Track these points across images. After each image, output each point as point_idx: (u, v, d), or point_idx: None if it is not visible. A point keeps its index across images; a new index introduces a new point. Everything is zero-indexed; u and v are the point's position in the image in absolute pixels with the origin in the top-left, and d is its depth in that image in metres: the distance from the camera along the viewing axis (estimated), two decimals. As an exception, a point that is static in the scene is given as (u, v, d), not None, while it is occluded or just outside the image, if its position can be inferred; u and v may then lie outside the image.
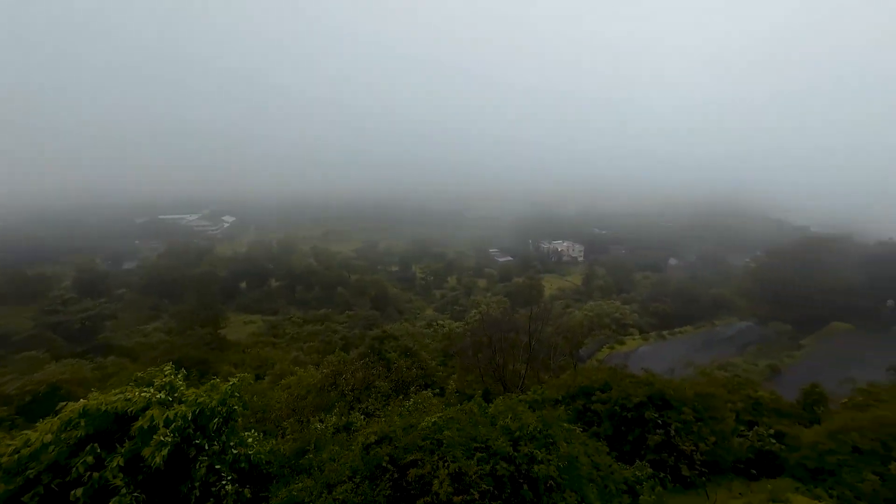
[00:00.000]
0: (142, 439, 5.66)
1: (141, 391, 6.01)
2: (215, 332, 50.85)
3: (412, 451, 6.86)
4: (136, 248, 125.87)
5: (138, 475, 5.57)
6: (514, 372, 22.96)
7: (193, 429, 6.07)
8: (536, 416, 8.98)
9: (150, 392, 6.05)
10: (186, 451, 5.90)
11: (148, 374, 6.88)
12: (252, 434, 7.25)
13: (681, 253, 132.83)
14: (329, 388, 16.03)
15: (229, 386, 6.69)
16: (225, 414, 6.37)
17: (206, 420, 6.13)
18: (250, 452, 6.67)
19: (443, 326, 48.14)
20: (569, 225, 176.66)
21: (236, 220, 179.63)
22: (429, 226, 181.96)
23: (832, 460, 12.32)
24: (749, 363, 38.48)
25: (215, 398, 6.31)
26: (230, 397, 6.52)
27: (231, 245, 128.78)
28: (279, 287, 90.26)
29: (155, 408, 5.77)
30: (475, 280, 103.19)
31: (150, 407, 5.78)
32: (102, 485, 5.26)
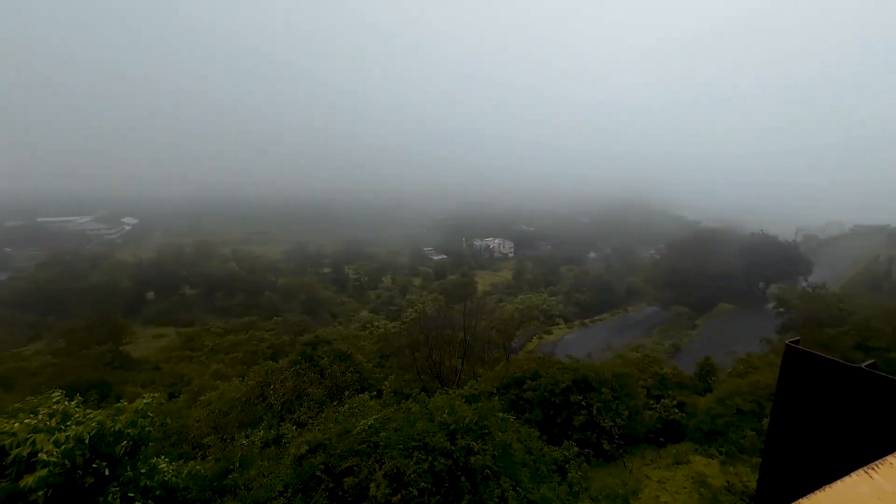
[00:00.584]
0: (17, 471, 4.84)
1: (25, 420, 5.13)
2: (117, 350, 44.90)
3: (348, 458, 6.69)
4: (7, 256, 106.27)
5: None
6: (450, 368, 23.33)
7: (90, 454, 5.31)
8: (472, 409, 9.24)
9: (37, 420, 5.18)
10: (81, 481, 5.15)
11: (28, 403, 5.89)
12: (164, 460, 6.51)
13: (598, 247, 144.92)
14: (256, 400, 14.98)
15: (140, 405, 5.96)
16: (136, 437, 5.67)
17: (106, 445, 5.40)
18: (165, 478, 6.00)
19: (378, 327, 47.41)
20: (499, 223, 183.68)
21: (139, 222, 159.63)
22: (360, 226, 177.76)
23: (721, 422, 14.32)
24: (656, 343, 43.15)
25: (121, 420, 5.58)
26: (142, 418, 5.81)
27: (134, 250, 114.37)
28: (195, 295, 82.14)
29: (40, 434, 4.95)
30: (410, 279, 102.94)
31: (36, 433, 4.96)
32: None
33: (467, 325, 23.79)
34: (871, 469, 0.98)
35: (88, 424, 5.41)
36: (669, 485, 11.38)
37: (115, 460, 5.56)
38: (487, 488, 7.42)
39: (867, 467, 0.98)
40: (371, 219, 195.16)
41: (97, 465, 5.26)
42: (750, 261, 61.72)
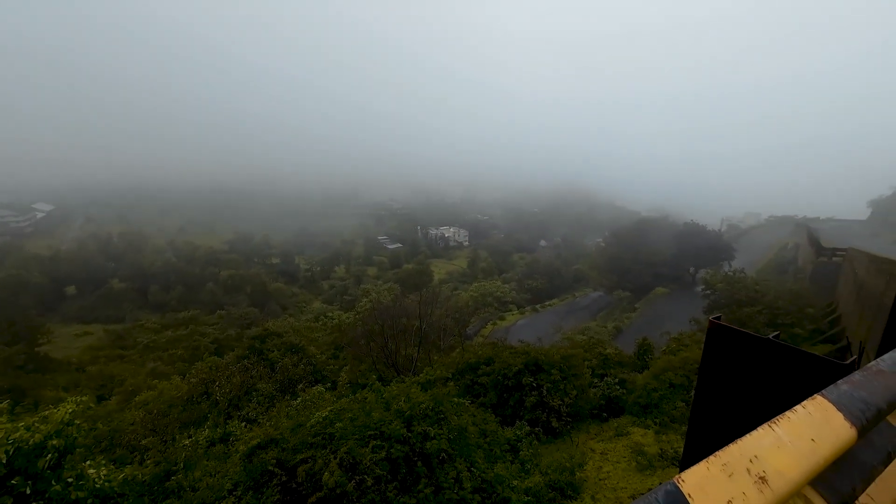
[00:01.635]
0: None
1: None
2: (32, 351, 40.38)
3: (302, 451, 6.55)
4: None
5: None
6: (406, 356, 23.41)
7: (6, 471, 4.79)
8: (428, 396, 9.37)
9: None
10: None
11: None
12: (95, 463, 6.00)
13: (548, 235, 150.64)
14: (199, 398, 14.17)
15: (66, 412, 5.42)
16: (62, 448, 5.15)
17: (25, 460, 4.88)
18: (97, 485, 5.53)
19: (332, 318, 46.31)
20: (453, 212, 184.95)
21: (54, 209, 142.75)
22: (312, 215, 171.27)
23: (656, 396, 15.63)
24: (600, 326, 45.91)
25: (43, 430, 5.05)
26: (68, 426, 5.29)
27: (49, 241, 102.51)
28: (125, 289, 75.48)
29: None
30: (365, 269, 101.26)
31: None
32: None
33: (423, 313, 23.93)
34: (773, 423, 1.13)
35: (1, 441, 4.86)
36: (611, 455, 12.30)
37: (37, 475, 5.05)
38: (443, 471, 7.61)
39: (770, 422, 1.14)
40: (322, 208, 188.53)
41: (16, 482, 4.74)
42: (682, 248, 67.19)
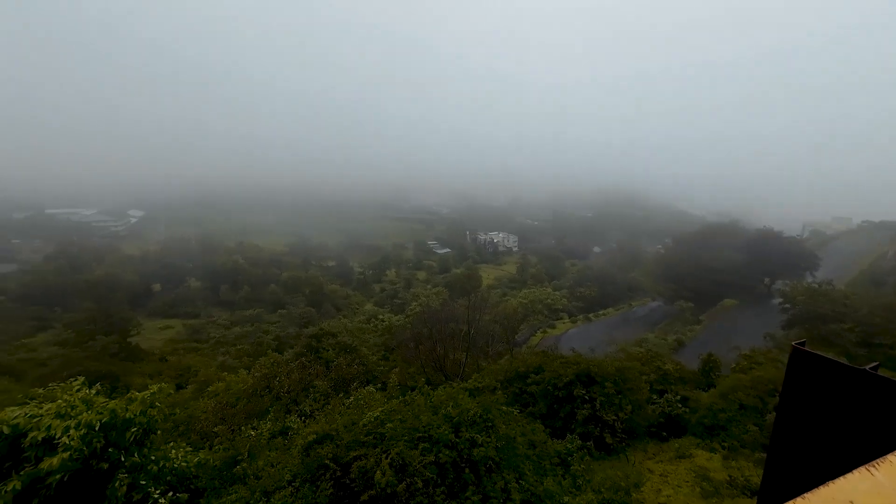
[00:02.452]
0: (37, 455, 4.99)
1: (45, 406, 5.29)
2: (124, 341, 45.45)
3: (355, 448, 6.80)
4: (14, 248, 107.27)
5: (34, 500, 4.89)
6: (454, 361, 23.50)
7: (104, 442, 5.45)
8: (476, 402, 9.34)
9: (59, 406, 5.34)
10: (96, 467, 5.29)
11: (50, 392, 6.02)
12: (176, 446, 6.66)
13: (601, 241, 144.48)
14: (262, 392, 15.18)
15: (149, 394, 6.10)
16: (145, 425, 5.80)
17: (118, 432, 5.54)
18: (175, 465, 6.15)
19: (383, 321, 47.62)
20: (502, 217, 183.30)
21: (145, 214, 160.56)
22: (364, 219, 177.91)
23: (723, 417, 14.38)
24: (659, 338, 43.13)
25: (132, 408, 5.72)
26: (150, 407, 5.95)
27: (140, 243, 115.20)
28: (200, 288, 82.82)
29: (58, 421, 5.10)
30: (414, 273, 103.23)
31: (55, 419, 5.11)
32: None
33: (471, 318, 23.90)
34: (872, 467, 1.02)
35: (101, 412, 5.55)
36: (671, 478, 11.47)
37: (125, 447, 5.70)
38: (491, 480, 7.54)
39: (868, 465, 1.02)
40: (374, 213, 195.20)
41: (111, 452, 5.40)
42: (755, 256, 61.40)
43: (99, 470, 5.30)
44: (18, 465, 5.05)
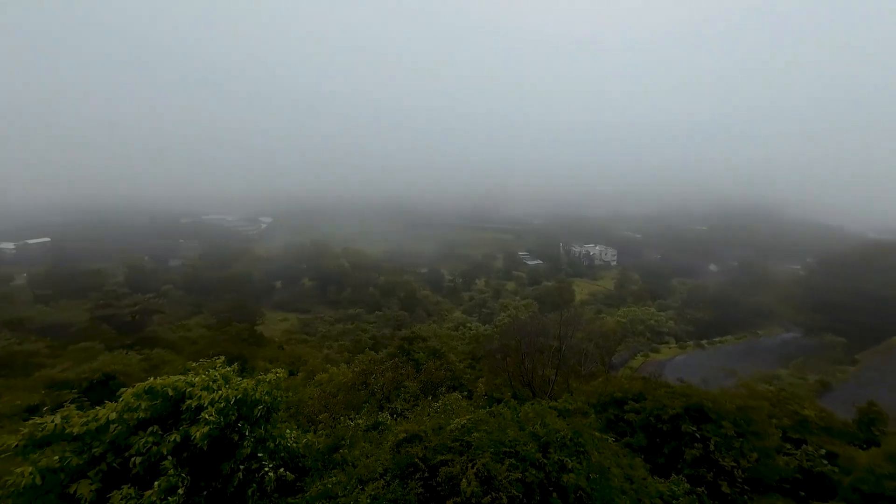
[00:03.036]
0: (190, 419, 6.07)
1: (201, 377, 6.49)
2: (252, 329, 52.99)
3: (442, 452, 6.94)
4: (180, 246, 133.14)
5: (184, 453, 5.94)
6: (543, 378, 22.62)
7: (237, 416, 6.40)
8: (566, 424, 8.85)
9: (207, 378, 6.50)
10: (229, 437, 6.25)
11: (201, 365, 7.32)
12: (290, 425, 7.57)
13: (719, 258, 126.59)
14: (359, 386, 16.37)
15: (273, 378, 7.06)
16: (269, 404, 6.71)
17: (248, 408, 6.48)
18: (289, 444, 6.99)
19: (470, 329, 48.10)
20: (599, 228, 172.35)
21: (273, 220, 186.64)
22: (456, 228, 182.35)
23: (890, 486, 11.40)
24: (796, 377, 36.09)
25: (260, 389, 6.67)
26: (275, 389, 6.87)
27: (267, 245, 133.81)
28: (312, 287, 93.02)
29: (205, 392, 6.18)
30: (504, 283, 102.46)
31: (204, 391, 6.21)
32: (154, 462, 5.67)
33: (563, 334, 22.81)
34: None
35: (236, 389, 6.55)
36: (811, 550, 9.45)
37: (253, 422, 6.63)
38: (581, 510, 7.04)
39: None
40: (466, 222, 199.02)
41: (241, 425, 6.33)
42: (943, 285, 47.93)
43: (231, 439, 6.26)
44: (178, 423, 6.21)
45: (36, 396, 16.92)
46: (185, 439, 5.93)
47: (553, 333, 23.56)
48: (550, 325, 24.90)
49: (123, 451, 5.83)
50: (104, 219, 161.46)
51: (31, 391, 18.14)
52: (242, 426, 6.44)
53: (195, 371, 7.17)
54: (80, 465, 5.63)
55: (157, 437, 5.87)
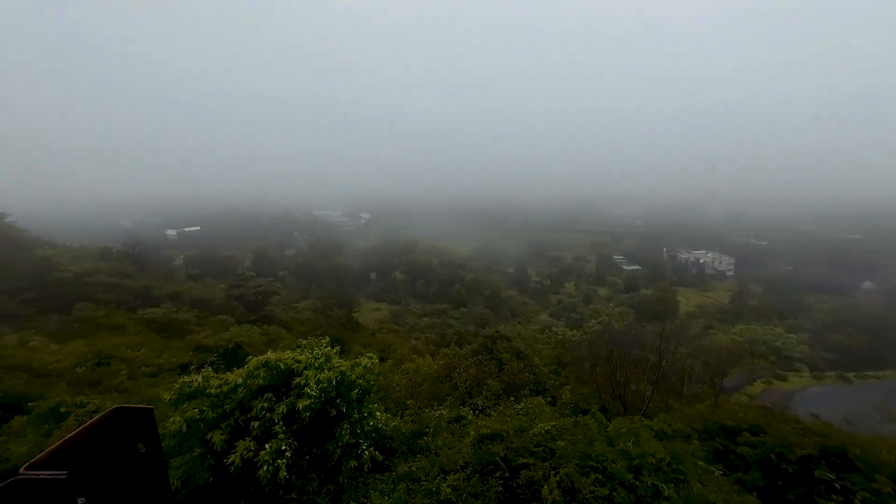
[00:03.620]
0: (296, 394, 6.88)
1: (306, 354, 7.36)
2: (349, 315, 57.89)
3: (523, 455, 6.83)
4: (294, 238, 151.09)
5: (293, 425, 6.76)
6: (636, 393, 20.82)
7: (335, 394, 7.08)
8: (663, 446, 8.05)
9: (312, 356, 7.34)
10: (328, 412, 6.95)
11: (309, 343, 8.26)
12: (379, 407, 8.15)
13: (878, 275, 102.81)
14: (443, 379, 16.85)
15: (368, 362, 7.67)
16: (364, 386, 7.31)
17: (346, 388, 7.12)
18: (380, 426, 7.53)
19: (557, 333, 46.28)
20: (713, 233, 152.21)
21: (371, 217, 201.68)
22: (547, 228, 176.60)
23: None
24: None
25: (357, 371, 7.30)
26: (370, 373, 7.46)
27: (365, 240, 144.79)
28: (402, 280, 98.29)
29: (311, 370, 6.96)
30: (596, 288, 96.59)
31: (308, 368, 7.00)
32: (269, 426, 6.55)
33: (663, 348, 20.72)
34: None
35: (336, 370, 7.24)
36: None
37: (349, 402, 7.27)
38: (678, 544, 6.35)
39: None
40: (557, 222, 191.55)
41: (339, 403, 6.99)
42: None
43: (330, 415, 6.95)
44: (287, 395, 7.09)
45: (186, 356, 20.66)
46: (292, 410, 6.75)
47: (651, 346, 21.52)
48: (648, 337, 22.78)
49: (247, 412, 6.84)
50: (240, 212, 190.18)
51: (183, 351, 22.20)
52: (340, 403, 7.11)
53: (304, 348, 8.09)
54: (214, 417, 6.75)
55: (271, 404, 6.77)
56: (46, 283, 41.05)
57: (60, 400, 12.62)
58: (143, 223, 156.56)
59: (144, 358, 20.25)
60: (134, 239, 66.92)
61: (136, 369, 18.09)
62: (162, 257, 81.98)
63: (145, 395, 13.21)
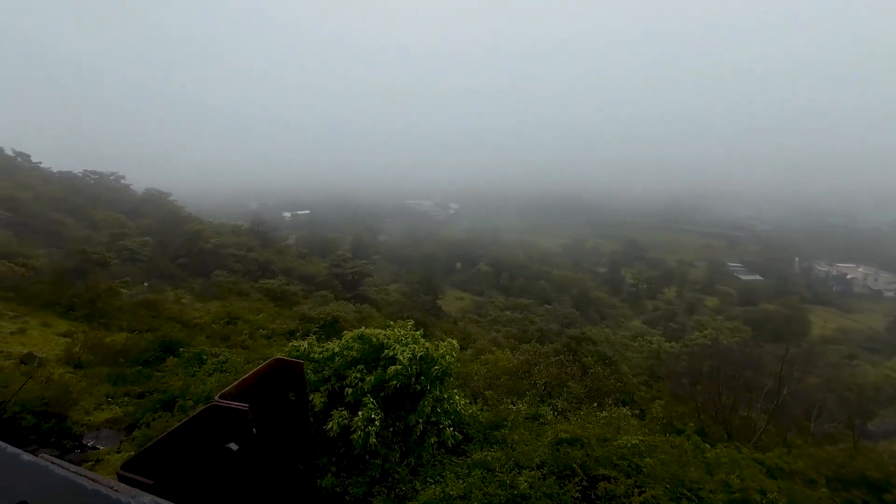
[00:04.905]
0: (384, 365, 7.43)
1: (396, 332, 7.92)
2: (434, 302, 60.07)
3: (605, 466, 6.47)
4: (387, 224, 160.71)
5: (380, 394, 7.32)
6: (745, 420, 18.26)
7: (418, 371, 7.48)
8: (777, 487, 6.97)
9: (400, 334, 7.86)
10: (413, 386, 7.38)
11: (398, 324, 8.83)
12: (459, 392, 8.41)
13: None
14: (522, 374, 16.64)
15: (447, 344, 7.96)
16: (445, 367, 7.62)
17: (428, 366, 7.48)
18: (458, 408, 7.77)
19: (651, 342, 42.45)
20: (871, 242, 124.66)
21: (460, 207, 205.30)
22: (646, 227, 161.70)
23: None
24: None
25: (438, 352, 7.63)
26: (449, 354, 7.75)
27: (453, 230, 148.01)
28: (487, 272, 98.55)
29: (398, 345, 7.45)
30: (702, 297, 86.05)
31: (397, 344, 7.52)
32: (360, 395, 7.17)
33: (785, 374, 17.82)
34: None
35: (420, 347, 7.63)
36: None
37: (431, 380, 7.62)
38: None
39: None
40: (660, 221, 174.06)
41: (422, 380, 7.36)
42: None
43: (414, 389, 7.35)
44: (376, 368, 7.67)
45: (293, 324, 23.45)
46: (381, 382, 7.29)
47: (770, 370, 18.62)
48: (767, 359, 19.73)
49: (341, 379, 7.58)
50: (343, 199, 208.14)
51: (291, 319, 25.24)
52: (423, 381, 7.49)
53: (391, 328, 8.66)
54: (315, 381, 7.60)
55: (363, 374, 7.39)
56: (195, 252, 49.77)
57: (201, 349, 15.31)
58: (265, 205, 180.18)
59: (262, 321, 23.49)
60: (258, 219, 77.38)
61: (255, 331, 21.08)
62: (278, 236, 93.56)
63: (262, 353, 15.33)
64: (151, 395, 11.62)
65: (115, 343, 15.45)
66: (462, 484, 6.33)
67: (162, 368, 14.08)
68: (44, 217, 43.25)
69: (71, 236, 39.54)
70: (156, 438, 0.81)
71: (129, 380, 13.21)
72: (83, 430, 10.32)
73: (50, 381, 11.28)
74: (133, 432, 10.13)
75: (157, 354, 15.11)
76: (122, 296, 23.64)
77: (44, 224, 41.78)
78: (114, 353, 14.68)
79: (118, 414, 11.12)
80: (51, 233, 40.10)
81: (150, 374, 13.74)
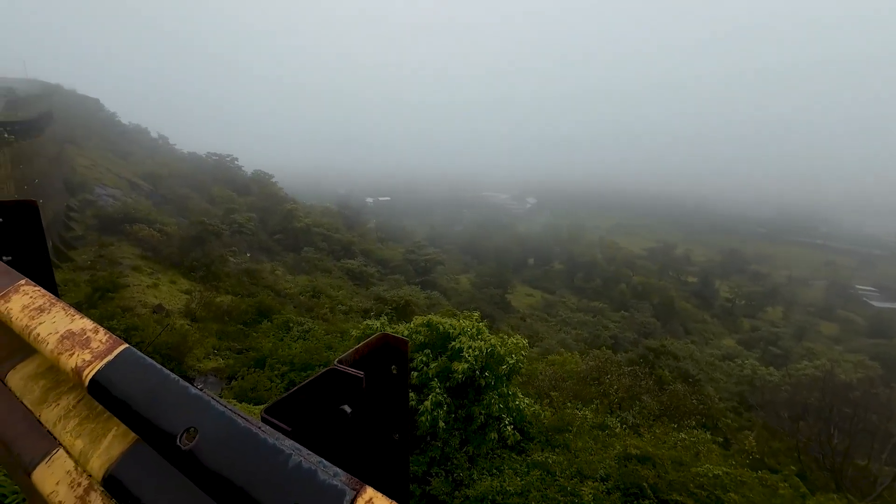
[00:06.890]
0: (451, 357, 7.56)
1: (462, 322, 8.04)
2: (503, 296, 59.58)
3: (679, 491, 5.95)
4: (463, 215, 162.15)
5: (445, 383, 7.49)
6: (862, 470, 15.50)
7: (482, 366, 7.51)
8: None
9: (466, 325, 7.97)
10: (477, 380, 7.44)
11: (464, 315, 8.95)
12: (524, 390, 8.31)
13: None
14: (591, 381, 15.88)
15: (515, 341, 7.87)
16: (512, 365, 7.57)
17: (495, 362, 7.49)
18: (522, 407, 7.69)
19: (745, 366, 37.70)
20: None
21: (537, 202, 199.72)
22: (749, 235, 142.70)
23: None
24: None
25: (507, 346, 7.59)
26: (518, 352, 7.67)
27: (528, 224, 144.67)
28: (561, 270, 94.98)
29: (465, 337, 7.54)
30: (817, 321, 74.00)
31: (463, 335, 7.61)
32: (425, 379, 7.41)
33: (925, 425, 14.77)
34: None
35: (488, 342, 7.64)
36: None
37: (497, 376, 7.61)
38: None
39: None
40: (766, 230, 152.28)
41: (487, 375, 7.39)
42: None
43: (479, 383, 7.41)
44: (442, 354, 7.86)
45: (368, 303, 24.96)
46: (445, 369, 7.46)
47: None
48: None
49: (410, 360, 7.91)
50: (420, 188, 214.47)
51: (367, 299, 26.91)
52: (488, 376, 7.51)
53: (459, 318, 8.79)
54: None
55: (428, 359, 7.63)
56: (289, 229, 55.01)
57: (289, 317, 17.00)
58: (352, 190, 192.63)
59: (342, 298, 25.37)
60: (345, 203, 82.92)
61: (335, 306, 22.85)
62: (360, 220, 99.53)
63: (340, 327, 16.59)
64: (248, 352, 13.22)
65: (223, 303, 17.82)
66: (520, 482, 6.28)
67: (257, 330, 15.95)
68: (175, 191, 51.14)
69: (194, 208, 46.19)
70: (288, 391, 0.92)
71: (231, 336, 15.18)
72: (195, 375, 12.15)
73: (173, 329, 13.41)
74: (231, 383, 11.69)
75: (254, 317, 17.13)
76: (230, 263, 27.11)
77: (175, 197, 49.39)
78: (221, 312, 16.95)
79: (221, 365, 12.87)
80: (180, 205, 47.25)
81: (248, 333, 15.64)
